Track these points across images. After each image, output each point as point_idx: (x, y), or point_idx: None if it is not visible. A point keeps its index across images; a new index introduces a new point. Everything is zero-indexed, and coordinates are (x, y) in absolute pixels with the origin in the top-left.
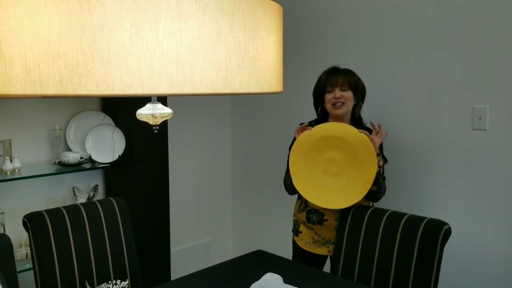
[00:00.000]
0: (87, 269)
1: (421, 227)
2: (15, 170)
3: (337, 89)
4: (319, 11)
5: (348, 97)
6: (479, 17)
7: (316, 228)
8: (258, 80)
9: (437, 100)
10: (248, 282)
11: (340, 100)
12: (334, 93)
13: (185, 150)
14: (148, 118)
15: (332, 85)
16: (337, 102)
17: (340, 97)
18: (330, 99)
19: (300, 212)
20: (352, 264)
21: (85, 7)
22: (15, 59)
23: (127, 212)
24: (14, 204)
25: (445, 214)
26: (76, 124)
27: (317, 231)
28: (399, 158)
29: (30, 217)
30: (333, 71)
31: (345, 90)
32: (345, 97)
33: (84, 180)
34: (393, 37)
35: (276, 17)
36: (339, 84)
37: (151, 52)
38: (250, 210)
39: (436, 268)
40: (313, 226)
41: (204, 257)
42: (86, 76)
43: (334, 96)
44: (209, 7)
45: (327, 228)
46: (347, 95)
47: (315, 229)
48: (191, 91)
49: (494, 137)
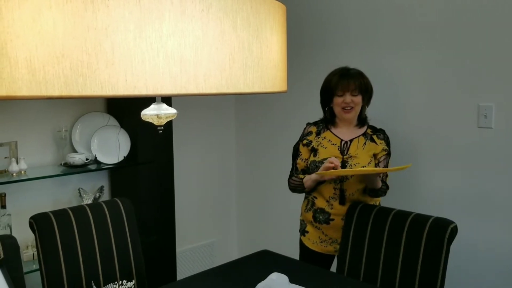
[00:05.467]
0: (93, 269)
1: (427, 226)
2: (21, 171)
3: (348, 94)
4: (323, 10)
5: (358, 102)
6: (485, 16)
7: (323, 228)
8: (262, 80)
9: (443, 98)
10: (253, 282)
11: (350, 105)
12: (345, 98)
13: (190, 150)
14: (153, 119)
15: (344, 89)
16: (347, 106)
17: (350, 102)
18: (340, 103)
19: (307, 212)
20: (358, 263)
21: (89, 9)
22: (20, 61)
23: (132, 213)
24: (21, 206)
25: (451, 212)
26: (82, 125)
27: (324, 230)
28: (404, 157)
29: (37, 218)
30: (345, 74)
31: (356, 95)
32: (355, 102)
33: (89, 181)
34: (398, 36)
35: (279, 16)
36: (350, 89)
37: (155, 53)
38: (255, 209)
39: (442, 267)
40: (320, 226)
41: (209, 257)
42: (91, 77)
43: (344, 100)
44: (212, 7)
45: (333, 228)
46: (357, 100)
47: (322, 228)
48: (195, 91)
49: (500, 135)
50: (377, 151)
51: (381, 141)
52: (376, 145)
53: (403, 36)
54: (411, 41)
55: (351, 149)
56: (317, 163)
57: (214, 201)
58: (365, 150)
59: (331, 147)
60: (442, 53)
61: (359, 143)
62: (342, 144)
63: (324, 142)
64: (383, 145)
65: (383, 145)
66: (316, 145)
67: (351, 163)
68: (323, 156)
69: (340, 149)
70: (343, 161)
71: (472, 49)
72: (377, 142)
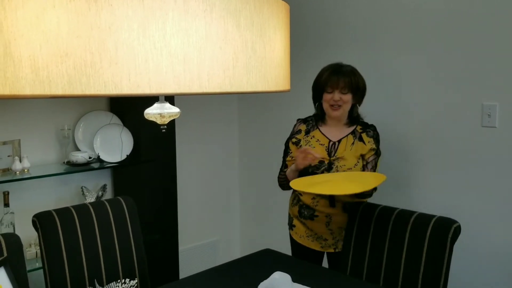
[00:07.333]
0: (96, 268)
1: (430, 225)
2: (24, 170)
3: (337, 91)
4: (326, 9)
5: (346, 100)
6: (489, 14)
7: (307, 223)
8: (266, 79)
9: (446, 97)
10: (256, 281)
11: (338, 103)
12: (333, 95)
13: (193, 149)
14: (156, 118)
15: (333, 86)
16: (335, 104)
17: (339, 100)
18: (328, 99)
19: (293, 206)
20: (361, 262)
21: (93, 8)
22: (24, 60)
23: (135, 211)
24: (24, 204)
25: (455, 211)
26: (85, 124)
27: (309, 225)
28: (407, 156)
29: (40, 216)
30: (336, 70)
31: (345, 93)
32: (343, 100)
33: (92, 180)
34: (402, 34)
35: (283, 15)
36: (340, 87)
37: (159, 52)
38: (258, 208)
39: (446, 266)
40: (305, 221)
41: (212, 256)
42: (94, 76)
43: (333, 98)
44: (216, 6)
45: (318, 223)
46: (346, 98)
47: (307, 223)
48: (198, 91)
49: (504, 134)
50: (365, 152)
51: (370, 139)
52: (364, 145)
53: (407, 35)
54: (415, 40)
55: (339, 150)
56: None
57: (217, 200)
58: (353, 151)
59: (319, 147)
60: (445, 52)
61: (347, 143)
62: (330, 145)
63: (312, 141)
64: (371, 144)
65: (371, 144)
66: (305, 144)
67: (337, 164)
68: None
69: (328, 149)
70: (329, 162)
71: (476, 48)
72: (365, 142)
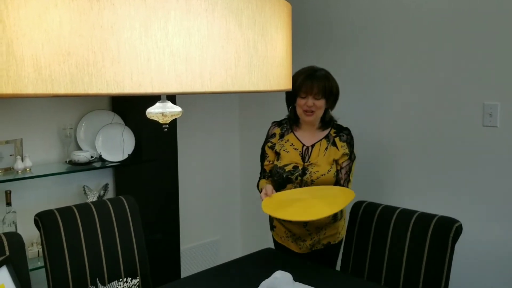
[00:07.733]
0: (98, 267)
1: (432, 225)
2: (26, 169)
3: (311, 97)
4: (328, 9)
5: (320, 105)
6: (490, 14)
7: (285, 224)
8: (267, 78)
9: (448, 96)
10: (257, 280)
11: (311, 108)
12: (307, 101)
13: (194, 148)
14: (158, 117)
15: (307, 92)
16: (308, 110)
17: (312, 106)
18: (302, 105)
19: None
20: (362, 261)
21: (95, 7)
22: (26, 59)
23: (137, 211)
24: (26, 203)
25: (456, 211)
26: (86, 123)
27: (287, 226)
28: (409, 155)
29: (42, 215)
30: (310, 75)
31: (319, 99)
32: (317, 106)
33: (94, 179)
34: (403, 34)
35: (285, 15)
36: (314, 92)
37: (161, 51)
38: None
39: (447, 265)
40: (283, 222)
41: (213, 255)
42: (97, 75)
43: (306, 103)
44: (218, 5)
45: (295, 225)
46: (319, 104)
47: (285, 224)
48: (200, 90)
49: (505, 133)
50: (337, 157)
51: (343, 144)
52: (337, 150)
53: (408, 35)
54: (417, 40)
55: (312, 155)
56: (278, 169)
57: (218, 199)
58: (326, 156)
59: (293, 152)
60: (447, 51)
61: (320, 148)
62: (304, 150)
63: (287, 145)
64: (344, 149)
65: (344, 149)
66: (279, 149)
67: (311, 170)
68: (285, 162)
69: (302, 154)
70: (303, 168)
71: (477, 47)
72: (338, 147)
